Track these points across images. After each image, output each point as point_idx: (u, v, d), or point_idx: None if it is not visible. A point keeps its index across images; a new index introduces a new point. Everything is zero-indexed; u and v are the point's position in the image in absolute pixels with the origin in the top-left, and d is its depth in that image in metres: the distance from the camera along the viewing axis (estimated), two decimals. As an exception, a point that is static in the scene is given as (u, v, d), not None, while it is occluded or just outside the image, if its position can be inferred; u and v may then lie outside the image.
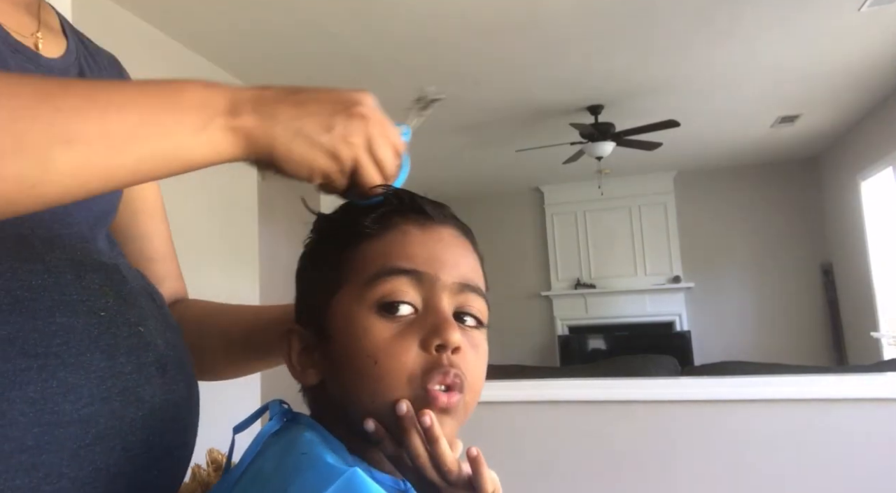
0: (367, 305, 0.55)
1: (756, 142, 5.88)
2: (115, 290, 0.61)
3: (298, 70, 3.81)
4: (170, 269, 0.84)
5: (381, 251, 0.56)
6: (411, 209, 0.58)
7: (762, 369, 2.50)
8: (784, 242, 6.62)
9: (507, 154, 5.77)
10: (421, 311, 0.55)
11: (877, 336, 5.26)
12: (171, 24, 3.21)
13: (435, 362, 0.54)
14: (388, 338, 0.54)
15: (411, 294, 0.55)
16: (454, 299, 0.57)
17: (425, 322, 0.55)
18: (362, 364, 0.54)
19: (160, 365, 0.61)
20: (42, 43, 0.67)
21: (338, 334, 0.56)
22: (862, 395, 1.78)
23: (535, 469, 1.95)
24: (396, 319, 0.54)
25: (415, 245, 0.56)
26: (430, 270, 0.56)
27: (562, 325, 7.24)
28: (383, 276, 0.55)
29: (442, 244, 0.58)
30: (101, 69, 0.75)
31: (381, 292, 0.55)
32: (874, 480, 1.72)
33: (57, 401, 0.52)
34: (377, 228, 0.57)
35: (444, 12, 3.17)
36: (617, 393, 1.97)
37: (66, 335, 0.54)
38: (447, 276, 0.56)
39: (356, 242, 0.57)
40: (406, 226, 0.57)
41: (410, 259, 0.55)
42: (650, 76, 4.16)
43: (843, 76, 4.27)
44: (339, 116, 0.55)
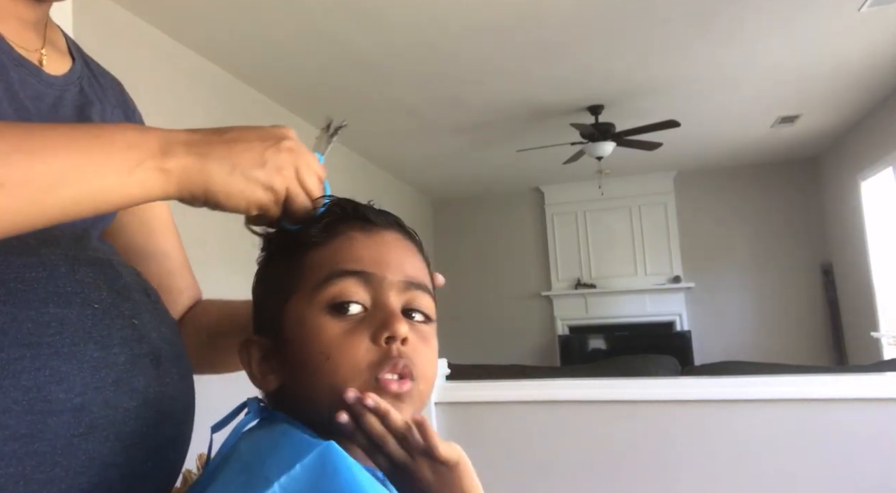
0: (317, 306, 0.58)
1: (756, 142, 5.88)
2: (108, 283, 0.62)
3: (299, 72, 3.81)
4: (188, 279, 0.88)
5: (328, 257, 0.59)
6: (355, 217, 0.62)
7: (762, 368, 2.50)
8: (784, 242, 6.62)
9: (507, 154, 5.78)
10: (370, 309, 0.58)
11: (877, 336, 5.26)
12: (173, 26, 3.21)
13: (385, 354, 0.56)
14: (339, 334, 0.56)
15: (360, 294, 0.58)
16: (401, 297, 0.60)
17: (374, 318, 0.58)
18: (316, 361, 0.56)
19: (154, 357, 0.62)
20: (46, 60, 0.69)
21: (293, 337, 0.59)
22: (862, 395, 1.78)
23: (535, 469, 1.95)
24: (347, 318, 0.57)
25: (361, 248, 0.60)
26: (376, 270, 0.59)
27: (562, 325, 7.24)
28: (332, 278, 0.58)
29: (386, 247, 0.61)
30: (104, 91, 0.77)
31: (330, 294, 0.57)
32: (874, 479, 1.72)
33: (50, 390, 0.53)
34: (324, 237, 0.60)
35: (445, 13, 3.17)
36: (617, 393, 1.97)
37: (60, 326, 0.55)
38: (393, 275, 0.59)
39: (305, 250, 0.60)
40: (351, 232, 0.61)
41: (357, 261, 0.59)
42: (650, 76, 4.16)
43: (843, 76, 4.27)
44: (269, 151, 0.58)
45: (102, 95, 0.76)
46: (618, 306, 7.12)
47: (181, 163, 0.54)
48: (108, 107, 0.75)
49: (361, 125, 4.90)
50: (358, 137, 5.19)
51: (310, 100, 4.31)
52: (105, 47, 0.80)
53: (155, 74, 3.22)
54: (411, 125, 4.95)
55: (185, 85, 3.48)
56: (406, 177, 6.44)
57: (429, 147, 5.57)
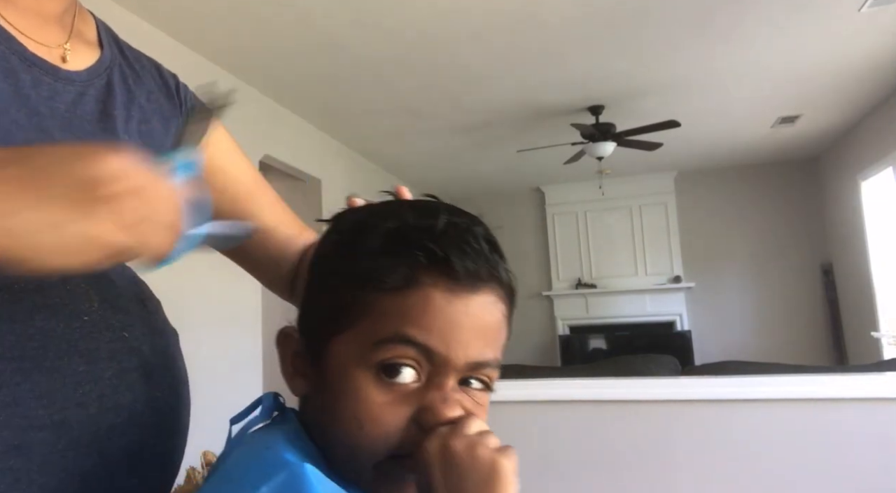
0: (367, 365, 0.50)
1: (756, 142, 5.89)
2: (100, 294, 0.59)
3: (300, 72, 3.82)
4: (289, 232, 0.84)
5: (397, 312, 0.50)
6: (442, 272, 0.51)
7: (762, 368, 2.50)
8: (784, 242, 6.63)
9: (508, 154, 5.78)
10: (423, 382, 0.51)
11: (877, 336, 5.26)
12: (174, 26, 3.21)
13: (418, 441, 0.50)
14: (380, 404, 0.50)
15: (418, 363, 0.51)
16: (463, 372, 0.52)
17: (424, 396, 0.51)
18: (347, 423, 0.51)
19: (144, 372, 0.60)
20: (70, 54, 0.65)
21: (330, 379, 0.53)
22: (862, 394, 1.78)
23: (535, 469, 1.95)
24: (394, 386, 0.50)
25: (435, 316, 0.50)
26: (441, 348, 0.50)
27: (562, 325, 7.25)
28: (393, 342, 0.50)
29: (466, 319, 0.51)
30: (139, 78, 0.74)
31: (386, 356, 0.50)
32: (874, 479, 1.72)
33: (29, 405, 0.51)
34: (400, 284, 0.50)
35: (446, 14, 3.18)
36: (617, 393, 1.97)
37: (44, 339, 0.53)
38: (458, 357, 0.51)
39: (374, 291, 0.51)
40: (432, 291, 0.50)
41: (426, 330, 0.50)
42: (651, 77, 4.16)
43: (843, 76, 4.28)
44: (80, 206, 0.42)
45: (137, 83, 0.72)
46: (618, 305, 7.12)
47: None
48: (141, 95, 0.72)
49: (362, 125, 4.91)
50: (358, 137, 5.19)
51: (310, 100, 4.31)
52: None
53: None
54: (412, 125, 4.96)
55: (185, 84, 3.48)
56: (406, 177, 6.44)
57: (429, 147, 5.57)
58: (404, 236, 0.51)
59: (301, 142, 4.68)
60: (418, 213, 0.53)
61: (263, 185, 0.85)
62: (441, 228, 0.51)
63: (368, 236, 0.52)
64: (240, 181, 0.82)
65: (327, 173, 4.97)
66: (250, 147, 4.03)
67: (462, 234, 0.52)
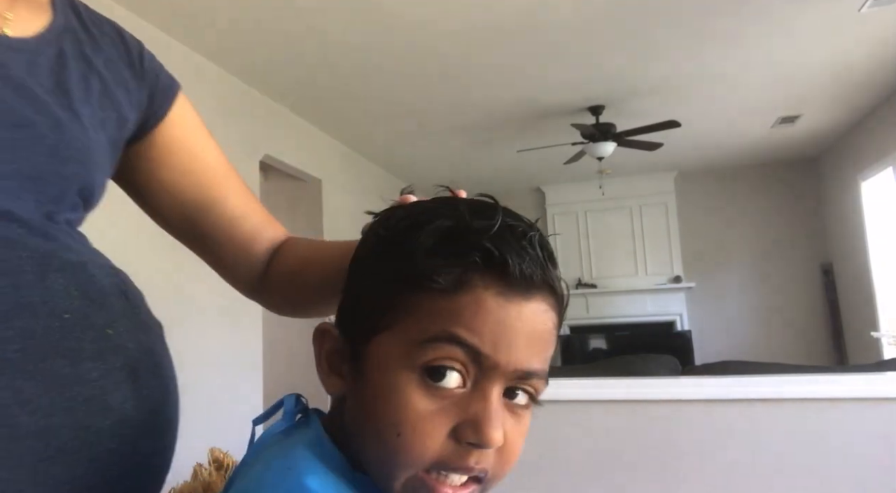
0: (411, 366, 0.48)
1: (756, 142, 5.89)
2: (81, 290, 0.56)
3: (300, 72, 3.82)
4: (256, 221, 0.79)
5: (447, 313, 0.47)
6: (497, 275, 0.48)
7: (762, 368, 2.50)
8: (784, 242, 6.63)
9: (508, 154, 5.78)
10: (468, 389, 0.48)
11: (877, 336, 5.27)
12: (174, 26, 3.22)
13: (460, 457, 0.48)
14: (421, 412, 0.47)
15: (465, 367, 0.48)
16: (511, 380, 0.50)
17: (467, 408, 0.48)
18: (384, 429, 0.48)
19: (131, 370, 0.57)
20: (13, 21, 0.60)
21: (370, 379, 0.50)
22: (862, 394, 1.78)
23: (534, 468, 1.95)
24: (438, 390, 0.48)
25: (486, 319, 0.47)
26: (491, 352, 0.47)
27: (563, 324, 7.23)
28: (441, 342, 0.47)
29: (518, 324, 0.49)
30: (97, 43, 0.68)
31: (432, 357, 0.47)
32: (875, 479, 1.72)
33: (13, 413, 0.47)
34: (451, 286, 0.48)
35: (447, 14, 3.18)
36: (618, 393, 1.97)
37: (24, 341, 0.50)
38: (508, 362, 0.48)
39: (421, 291, 0.48)
40: (484, 294, 0.48)
41: (476, 333, 0.47)
42: (651, 77, 4.17)
43: (844, 76, 4.28)
44: None
45: (95, 50, 0.67)
46: (618, 305, 7.13)
47: None
48: (99, 62, 0.66)
49: (362, 126, 4.92)
50: (359, 137, 5.20)
51: (311, 100, 4.32)
52: None
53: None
54: (412, 126, 4.96)
55: (186, 85, 3.48)
56: (407, 177, 6.44)
57: (430, 147, 5.57)
58: (459, 236, 0.49)
59: (302, 142, 4.68)
60: (474, 212, 0.50)
61: (231, 171, 0.80)
62: (498, 230, 0.49)
63: (421, 234, 0.49)
64: (206, 165, 0.77)
65: (328, 174, 4.97)
66: (251, 147, 4.03)
67: (519, 238, 0.49)
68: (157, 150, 0.74)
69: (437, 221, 0.50)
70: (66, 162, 0.60)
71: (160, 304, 0.82)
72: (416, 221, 0.51)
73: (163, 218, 0.78)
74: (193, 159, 0.76)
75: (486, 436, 0.47)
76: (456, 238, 0.49)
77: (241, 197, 0.79)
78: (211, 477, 0.69)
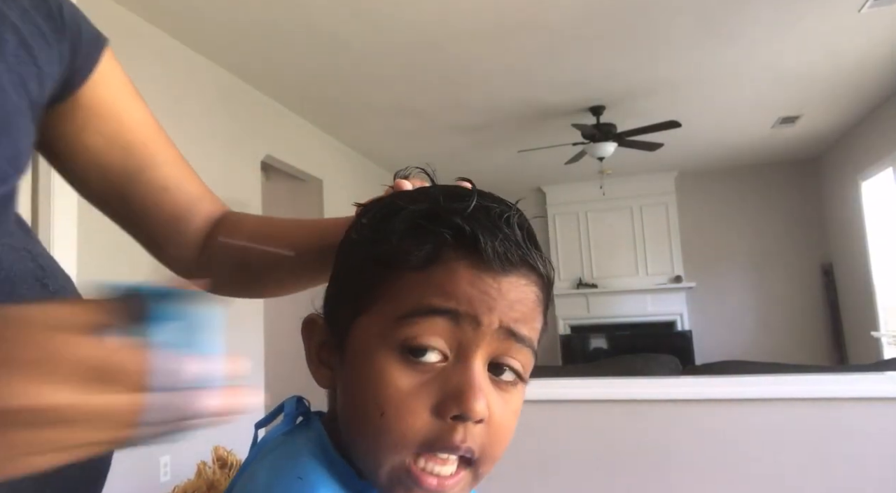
0: (390, 344, 0.47)
1: (757, 142, 5.89)
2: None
3: (301, 72, 3.83)
4: (192, 192, 0.73)
5: (420, 287, 0.47)
6: (470, 251, 0.47)
7: (763, 368, 2.51)
8: (784, 242, 6.63)
9: (509, 155, 5.79)
10: (450, 361, 0.47)
11: (877, 336, 5.27)
12: (175, 26, 3.22)
13: (445, 434, 0.46)
14: (402, 389, 0.46)
15: (444, 339, 0.47)
16: (493, 347, 0.48)
17: (448, 381, 0.46)
18: (369, 411, 0.47)
19: None
20: None
21: (352, 364, 0.49)
22: (862, 394, 1.79)
23: (536, 468, 1.96)
24: (419, 366, 0.46)
25: (460, 284, 0.47)
26: (469, 309, 0.46)
27: (564, 324, 7.25)
28: (416, 315, 0.46)
29: (495, 292, 0.47)
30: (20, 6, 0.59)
31: (409, 334, 0.46)
32: (875, 478, 1.73)
33: None
34: (423, 263, 0.47)
35: (448, 14, 3.19)
36: (618, 392, 1.98)
37: None
38: (489, 319, 0.47)
39: (395, 270, 0.48)
40: (456, 265, 0.47)
41: (451, 297, 0.46)
42: (652, 77, 4.17)
43: (844, 77, 4.29)
44: None
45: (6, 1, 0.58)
46: (619, 305, 7.13)
47: None
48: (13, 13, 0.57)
49: (363, 125, 4.92)
50: (360, 137, 5.20)
51: (312, 100, 4.32)
52: None
53: (156, 74, 3.23)
54: (413, 126, 4.96)
55: (187, 85, 3.49)
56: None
57: (430, 147, 5.58)
58: (432, 216, 0.49)
59: (303, 142, 4.69)
60: (449, 196, 0.50)
61: (163, 137, 0.72)
62: (472, 210, 0.49)
63: (396, 218, 0.50)
64: (135, 129, 0.70)
65: (329, 173, 4.98)
66: (252, 147, 4.04)
67: (493, 217, 0.49)
68: (82, 111, 0.66)
69: (412, 205, 0.50)
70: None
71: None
72: (394, 208, 0.51)
73: (87, 188, 0.71)
74: (121, 123, 0.69)
75: (468, 406, 0.45)
76: (427, 218, 0.48)
77: (174, 166, 0.72)
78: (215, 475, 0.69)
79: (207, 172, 3.68)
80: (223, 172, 3.71)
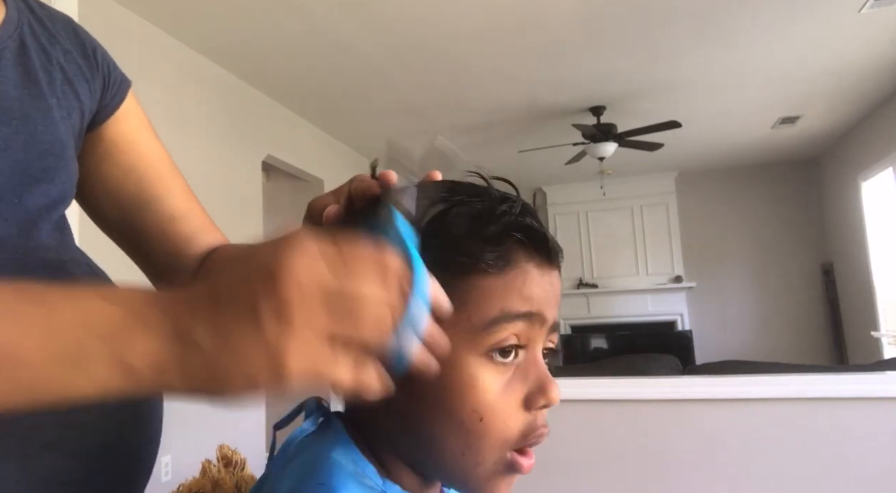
0: (479, 351, 0.49)
1: (757, 143, 5.90)
2: None
3: (302, 72, 3.83)
4: (196, 224, 0.76)
5: (500, 291, 0.49)
6: (536, 249, 0.51)
7: (763, 368, 2.51)
8: (785, 242, 6.64)
9: (509, 155, 5.79)
10: (523, 358, 0.51)
11: (877, 336, 5.28)
12: (177, 27, 3.23)
13: (533, 426, 0.50)
14: (497, 392, 0.49)
15: (520, 338, 0.50)
16: (545, 340, 0.53)
17: (527, 374, 0.51)
18: (466, 419, 0.48)
19: None
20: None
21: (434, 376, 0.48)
22: (862, 394, 1.79)
23: (536, 468, 1.96)
24: (504, 366, 0.49)
25: (533, 287, 0.50)
26: (541, 310, 0.51)
27: (564, 324, 7.26)
28: (504, 321, 0.49)
29: (551, 286, 0.52)
30: (54, 37, 0.67)
31: (497, 338, 0.49)
32: (875, 478, 1.73)
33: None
34: (500, 266, 0.49)
35: (448, 14, 3.19)
36: (619, 392, 1.98)
37: None
38: (552, 314, 0.52)
39: (470, 274, 0.49)
40: (527, 266, 0.50)
41: (527, 301, 0.50)
42: (652, 78, 4.18)
43: (844, 77, 4.29)
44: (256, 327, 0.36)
45: (51, 42, 0.65)
46: (620, 305, 7.14)
47: (149, 350, 0.37)
48: (58, 54, 0.65)
49: (364, 126, 4.93)
50: (361, 137, 5.21)
51: (313, 100, 4.33)
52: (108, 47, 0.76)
53: (158, 75, 3.24)
54: (414, 126, 4.97)
55: (189, 85, 3.49)
56: (408, 177, 6.45)
57: (431, 147, 5.58)
58: (493, 217, 0.50)
59: (304, 142, 4.70)
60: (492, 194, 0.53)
61: (175, 172, 0.77)
62: (520, 207, 0.52)
63: (456, 220, 0.50)
64: (150, 162, 0.74)
65: (330, 174, 4.98)
66: (253, 148, 4.04)
67: (532, 213, 0.53)
68: (104, 144, 0.72)
69: (464, 206, 0.51)
70: (44, 156, 0.59)
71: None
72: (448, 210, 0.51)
73: (99, 214, 0.76)
74: (139, 156, 0.74)
75: (552, 396, 0.50)
76: (489, 219, 0.50)
77: (182, 199, 0.76)
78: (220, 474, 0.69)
79: (208, 172, 3.70)
80: (224, 172, 3.72)
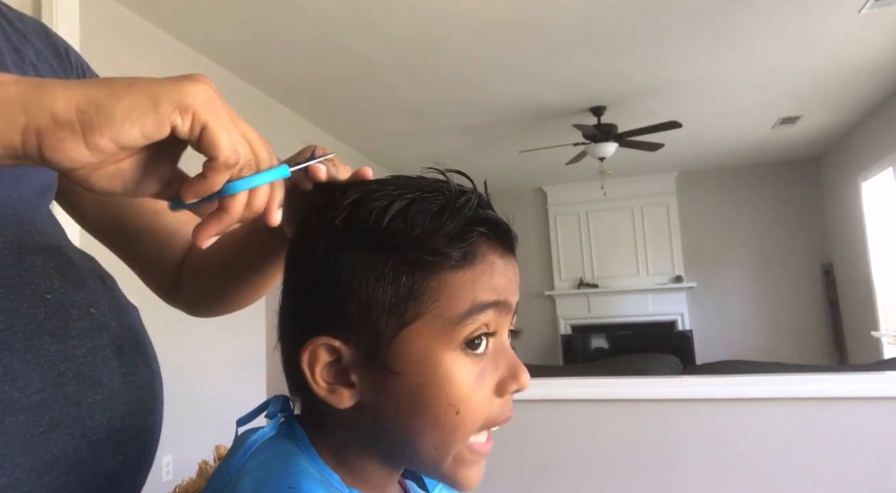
0: (453, 345, 0.49)
1: (757, 143, 5.90)
2: (60, 272, 0.57)
3: (303, 72, 3.83)
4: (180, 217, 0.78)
5: (468, 285, 0.50)
6: (499, 239, 0.53)
7: (763, 368, 2.52)
8: (785, 242, 6.64)
9: (510, 155, 5.80)
10: (492, 345, 0.52)
11: (877, 336, 5.28)
12: (177, 27, 3.23)
13: (503, 411, 0.52)
14: (471, 384, 0.50)
15: (489, 326, 0.51)
16: (509, 324, 0.54)
17: (498, 361, 0.52)
18: (442, 413, 0.49)
19: (116, 347, 0.59)
20: None
21: (408, 372, 0.49)
22: (862, 393, 1.80)
23: (536, 468, 1.96)
24: (476, 356, 0.50)
25: (499, 277, 0.51)
26: (506, 297, 0.52)
27: (565, 324, 7.26)
28: (476, 312, 0.49)
29: (512, 273, 0.53)
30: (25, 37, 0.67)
31: (469, 330, 0.49)
32: (875, 478, 1.73)
33: (4, 389, 0.48)
34: (467, 260, 0.50)
35: (448, 14, 3.19)
36: (619, 392, 1.98)
37: (10, 320, 0.51)
38: (514, 300, 0.53)
39: (440, 272, 0.49)
40: (493, 257, 0.52)
41: (495, 290, 0.51)
42: (652, 78, 4.18)
43: (844, 77, 4.29)
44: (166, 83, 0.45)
45: (23, 43, 0.66)
46: (620, 305, 7.14)
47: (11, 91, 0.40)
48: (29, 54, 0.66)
49: (364, 126, 4.93)
50: (361, 137, 5.21)
51: (312, 100, 4.33)
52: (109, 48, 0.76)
53: (158, 75, 3.23)
54: (414, 126, 4.97)
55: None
56: (408, 177, 6.45)
57: (431, 148, 5.59)
58: (454, 212, 0.51)
59: (304, 142, 4.70)
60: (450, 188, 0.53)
61: None
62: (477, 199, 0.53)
63: (417, 217, 0.50)
64: None
65: (330, 174, 4.98)
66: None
67: (489, 204, 0.55)
68: None
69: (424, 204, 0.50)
70: None
71: (166, 306, 0.83)
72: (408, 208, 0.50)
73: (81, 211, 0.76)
74: None
75: (524, 380, 0.52)
76: (451, 215, 0.50)
77: None
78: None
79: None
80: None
